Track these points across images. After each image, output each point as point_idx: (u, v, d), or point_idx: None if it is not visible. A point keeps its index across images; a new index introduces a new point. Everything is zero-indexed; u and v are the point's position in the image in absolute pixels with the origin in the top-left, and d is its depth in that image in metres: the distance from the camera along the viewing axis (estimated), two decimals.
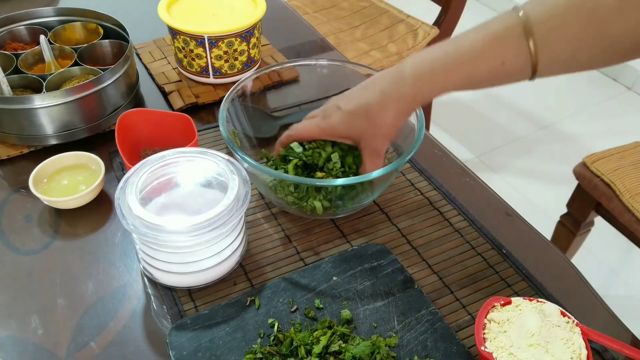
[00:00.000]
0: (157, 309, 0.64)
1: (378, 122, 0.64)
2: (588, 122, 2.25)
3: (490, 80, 0.58)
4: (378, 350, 0.56)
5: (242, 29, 0.89)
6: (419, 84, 0.61)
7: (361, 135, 0.66)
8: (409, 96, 0.62)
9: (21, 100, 0.76)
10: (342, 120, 0.66)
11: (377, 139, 0.65)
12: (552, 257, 0.71)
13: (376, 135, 0.65)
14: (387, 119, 0.64)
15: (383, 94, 0.63)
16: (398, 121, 0.64)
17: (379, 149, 0.66)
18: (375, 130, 0.65)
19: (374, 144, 0.66)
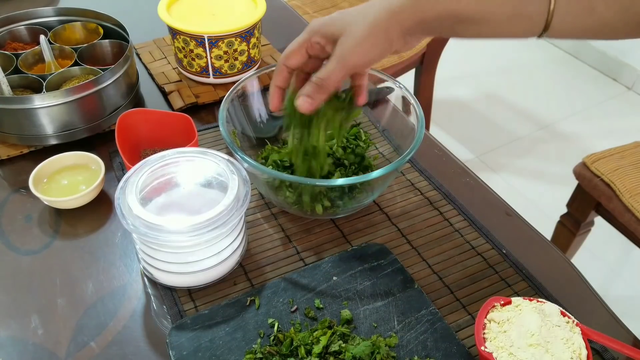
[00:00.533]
0: (157, 309, 0.64)
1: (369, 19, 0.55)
2: (588, 122, 2.25)
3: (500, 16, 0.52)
4: (378, 350, 0.56)
5: (242, 29, 0.89)
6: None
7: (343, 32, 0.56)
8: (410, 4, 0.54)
9: (21, 100, 0.76)
10: (332, 16, 0.58)
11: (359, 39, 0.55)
12: (552, 257, 0.71)
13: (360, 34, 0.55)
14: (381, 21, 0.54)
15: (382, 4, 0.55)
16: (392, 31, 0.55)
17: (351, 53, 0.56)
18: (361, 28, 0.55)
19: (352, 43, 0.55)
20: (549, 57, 2.64)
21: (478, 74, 2.50)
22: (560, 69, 2.57)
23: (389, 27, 0.55)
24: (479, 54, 2.59)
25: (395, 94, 0.77)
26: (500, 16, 0.52)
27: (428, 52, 1.64)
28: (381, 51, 0.56)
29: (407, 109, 0.74)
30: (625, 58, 2.44)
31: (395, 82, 0.76)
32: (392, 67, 1.55)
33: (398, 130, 0.77)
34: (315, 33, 0.59)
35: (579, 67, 2.58)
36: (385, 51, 0.56)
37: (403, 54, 1.56)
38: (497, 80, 2.47)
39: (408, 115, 0.75)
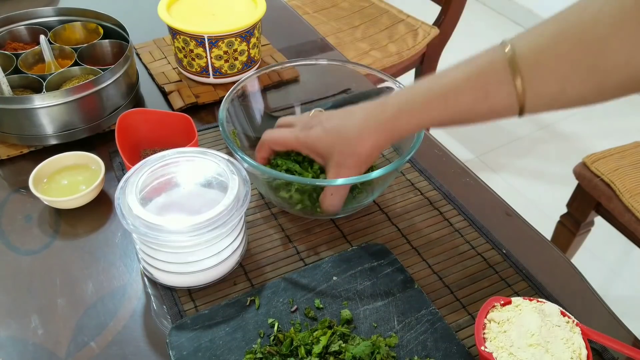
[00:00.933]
0: (157, 309, 0.64)
1: (353, 148, 0.62)
2: (588, 122, 2.25)
3: (474, 115, 0.56)
4: (378, 350, 0.56)
5: (242, 29, 0.89)
6: (398, 115, 0.60)
7: (332, 156, 0.64)
8: (388, 126, 0.61)
9: (21, 100, 0.76)
10: (320, 135, 0.65)
11: (347, 165, 0.63)
12: (552, 257, 0.71)
13: (346, 161, 0.63)
14: (362, 148, 0.62)
15: (363, 121, 0.62)
16: (373, 151, 0.63)
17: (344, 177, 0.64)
18: (347, 156, 0.63)
19: (342, 170, 0.64)
20: None
21: None
22: None
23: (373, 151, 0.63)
24: None
25: None
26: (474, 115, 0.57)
27: (428, 52, 1.64)
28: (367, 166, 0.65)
29: None
30: None
31: (395, 82, 0.76)
32: (392, 67, 1.55)
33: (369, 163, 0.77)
34: (306, 147, 0.66)
35: None
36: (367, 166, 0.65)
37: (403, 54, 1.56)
38: None
39: None
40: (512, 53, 0.52)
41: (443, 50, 1.68)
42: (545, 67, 0.51)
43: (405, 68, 1.62)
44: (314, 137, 0.65)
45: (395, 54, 1.56)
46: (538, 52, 0.51)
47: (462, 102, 0.56)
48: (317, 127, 0.65)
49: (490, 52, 0.54)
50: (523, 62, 0.51)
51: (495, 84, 0.53)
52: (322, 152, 0.65)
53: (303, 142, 0.66)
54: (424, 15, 1.71)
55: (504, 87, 0.52)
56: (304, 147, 0.66)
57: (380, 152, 0.64)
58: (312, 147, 0.66)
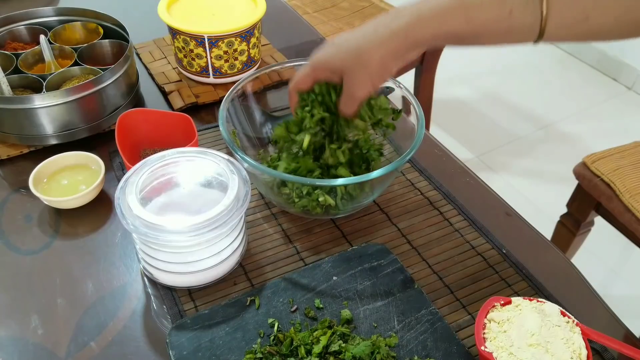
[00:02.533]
0: (157, 309, 0.64)
1: (364, 57, 0.59)
2: (588, 122, 2.25)
3: (493, 33, 0.55)
4: (378, 350, 0.56)
5: (242, 29, 0.89)
6: (413, 23, 0.57)
7: (344, 69, 0.62)
8: (401, 33, 0.57)
9: (21, 100, 0.76)
10: (329, 50, 0.63)
11: (361, 76, 0.61)
12: (552, 257, 0.71)
13: (358, 73, 0.60)
14: (374, 56, 0.59)
15: (374, 29, 0.59)
16: (386, 60, 0.59)
17: (356, 92, 0.62)
18: (358, 67, 0.60)
19: (356, 81, 0.61)
20: (549, 57, 2.64)
21: (478, 74, 2.50)
22: (560, 69, 2.57)
23: (384, 60, 0.59)
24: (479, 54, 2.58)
25: (395, 94, 0.77)
26: (493, 31, 0.55)
27: (428, 52, 1.64)
28: (382, 80, 0.62)
29: (407, 108, 0.74)
30: (625, 58, 2.44)
31: (395, 82, 0.76)
32: None
33: (398, 130, 0.77)
34: (319, 68, 0.64)
35: (579, 67, 2.58)
36: (386, 77, 0.62)
37: None
38: (497, 80, 2.47)
39: (408, 115, 0.75)
40: None
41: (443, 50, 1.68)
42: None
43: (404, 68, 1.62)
44: (325, 55, 0.63)
45: None
46: None
47: (484, 16, 0.54)
48: (330, 46, 0.64)
49: None
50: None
51: (521, 2, 0.52)
52: (335, 68, 0.63)
53: (315, 63, 0.64)
54: None
55: (529, 6, 0.52)
56: (317, 69, 0.64)
57: (394, 62, 0.60)
58: (325, 64, 0.63)
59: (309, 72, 0.65)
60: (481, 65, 2.55)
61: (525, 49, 2.66)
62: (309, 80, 0.66)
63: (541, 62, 2.61)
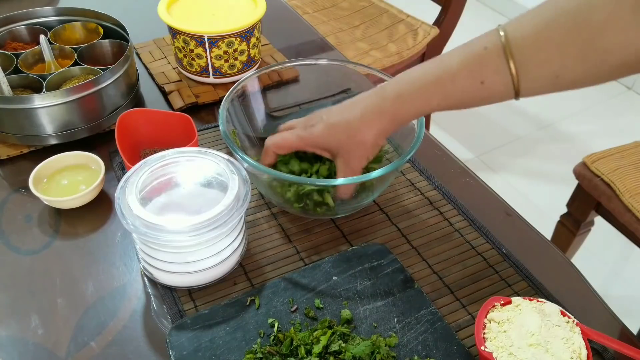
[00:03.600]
0: (157, 309, 0.64)
1: (358, 137, 0.63)
2: (588, 122, 2.25)
3: (471, 100, 0.57)
4: (378, 350, 0.56)
5: (242, 29, 0.89)
6: (398, 102, 0.61)
7: (340, 150, 0.65)
8: (389, 114, 0.62)
9: (21, 100, 0.76)
10: (323, 131, 0.65)
11: (355, 155, 0.65)
12: (552, 257, 0.71)
13: (354, 151, 0.64)
14: (368, 136, 0.63)
15: (365, 111, 0.63)
16: (378, 139, 0.64)
17: (355, 167, 0.65)
18: (354, 146, 0.64)
19: (351, 160, 0.65)
20: None
21: None
22: None
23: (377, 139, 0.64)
24: None
25: None
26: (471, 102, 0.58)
27: (428, 52, 1.64)
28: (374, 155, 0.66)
29: None
30: None
31: None
32: (392, 67, 1.55)
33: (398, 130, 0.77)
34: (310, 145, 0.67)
35: None
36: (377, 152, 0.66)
37: (403, 54, 1.56)
38: None
39: None
40: (506, 38, 0.52)
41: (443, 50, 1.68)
42: (539, 52, 0.51)
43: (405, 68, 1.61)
44: (317, 134, 0.66)
45: (395, 53, 1.56)
46: (531, 37, 0.51)
47: (459, 89, 0.57)
48: (319, 124, 0.66)
49: (484, 38, 0.55)
50: (516, 46, 0.52)
51: (490, 70, 0.54)
52: (327, 148, 0.66)
53: (307, 140, 0.67)
54: (424, 15, 1.71)
55: (499, 72, 0.53)
56: (308, 146, 0.67)
57: (384, 139, 0.65)
58: (317, 143, 0.66)
59: (297, 144, 0.67)
60: None
61: None
62: (292, 149, 0.68)
63: None
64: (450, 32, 1.66)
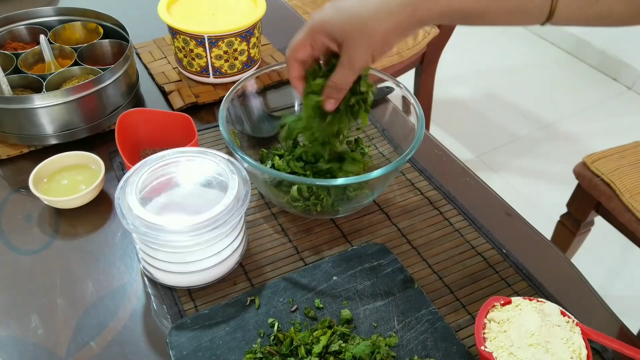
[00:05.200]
0: (157, 308, 0.64)
1: (369, 24, 0.56)
2: (588, 122, 2.25)
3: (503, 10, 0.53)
4: (378, 350, 0.56)
5: (242, 29, 0.89)
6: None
7: (347, 37, 0.58)
8: (409, 8, 0.55)
9: (21, 100, 0.76)
10: (332, 16, 0.59)
11: (361, 45, 0.58)
12: (552, 257, 0.71)
13: (360, 41, 0.57)
14: (379, 26, 0.56)
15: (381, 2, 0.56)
16: (390, 35, 0.57)
17: (357, 59, 0.59)
18: (361, 34, 0.57)
19: (356, 50, 0.58)
20: (549, 57, 2.64)
21: (478, 74, 2.50)
22: (560, 69, 2.57)
23: (387, 33, 0.57)
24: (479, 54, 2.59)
25: (395, 94, 0.77)
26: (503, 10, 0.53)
27: (428, 52, 1.64)
28: (382, 52, 0.59)
29: (407, 108, 0.74)
30: (625, 58, 2.44)
31: (395, 81, 0.76)
32: (392, 67, 1.55)
33: (398, 130, 0.77)
34: (317, 31, 0.60)
35: (579, 67, 2.58)
36: (387, 51, 0.59)
37: (403, 54, 1.56)
38: (497, 80, 2.47)
39: (408, 115, 0.75)
40: None
41: (443, 50, 1.68)
42: None
43: (405, 68, 1.62)
44: (327, 20, 0.60)
45: (395, 53, 1.56)
46: None
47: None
48: (330, 10, 0.60)
49: None
50: None
51: None
52: (334, 34, 0.59)
53: (316, 27, 0.60)
54: None
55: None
56: (318, 33, 0.61)
57: (398, 37, 0.58)
58: (324, 28, 0.60)
59: (306, 36, 0.61)
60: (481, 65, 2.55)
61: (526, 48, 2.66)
62: (307, 47, 0.62)
63: (541, 62, 2.61)
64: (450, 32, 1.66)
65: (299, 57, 0.63)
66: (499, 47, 2.62)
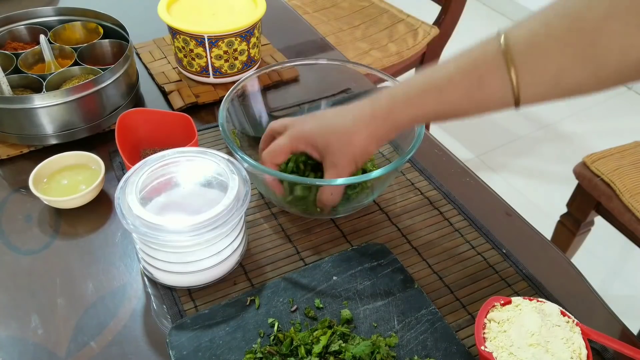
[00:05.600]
0: (157, 308, 0.64)
1: (347, 138, 0.61)
2: (588, 122, 2.25)
3: (469, 108, 0.56)
4: (378, 350, 0.56)
5: (242, 29, 0.89)
6: (392, 107, 0.60)
7: (327, 149, 0.63)
8: (381, 118, 0.60)
9: (21, 99, 0.76)
10: (313, 128, 0.64)
11: (343, 156, 0.62)
12: (552, 257, 0.71)
13: (342, 153, 0.62)
14: (357, 138, 0.61)
15: (357, 114, 0.62)
16: (368, 144, 0.62)
17: (342, 169, 0.63)
18: (342, 147, 0.62)
19: (339, 162, 0.63)
20: None
21: None
22: None
23: (367, 145, 0.62)
24: None
25: None
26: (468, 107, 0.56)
27: (428, 52, 1.64)
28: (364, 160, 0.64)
29: None
30: None
31: (395, 82, 0.76)
32: (392, 67, 1.55)
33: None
34: (299, 142, 0.65)
35: None
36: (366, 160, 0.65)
37: (403, 54, 1.56)
38: None
39: None
40: (506, 44, 0.51)
41: (443, 50, 1.68)
42: (539, 57, 0.50)
43: (405, 68, 1.62)
44: (308, 131, 0.64)
45: (395, 53, 1.56)
46: (531, 42, 0.51)
47: (457, 94, 0.55)
48: (311, 122, 0.65)
49: (484, 44, 0.54)
50: (516, 52, 0.51)
51: (490, 76, 0.53)
52: (317, 146, 0.64)
53: (298, 137, 0.65)
54: (424, 15, 1.71)
55: (498, 78, 0.52)
56: (299, 143, 0.65)
57: (376, 146, 0.63)
58: (307, 140, 0.64)
59: (288, 144, 0.65)
60: None
61: None
62: (286, 153, 0.66)
63: None
64: (450, 32, 1.66)
65: (277, 162, 0.67)
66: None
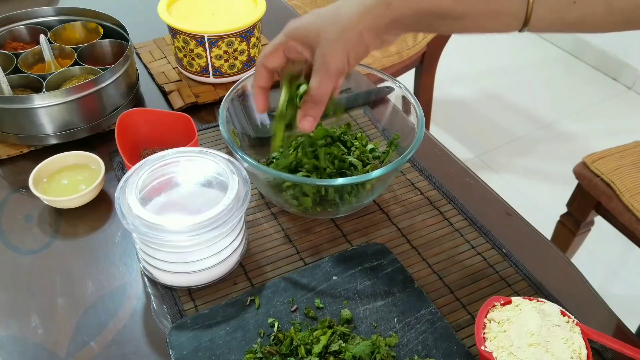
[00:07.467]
0: (157, 308, 0.64)
1: (343, 23, 0.55)
2: (588, 122, 2.25)
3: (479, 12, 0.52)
4: (378, 349, 0.56)
5: (242, 29, 0.89)
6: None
7: (320, 36, 0.56)
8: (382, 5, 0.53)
9: (21, 99, 0.76)
10: (310, 20, 0.57)
11: (335, 45, 0.55)
12: (552, 257, 0.71)
13: (335, 40, 0.55)
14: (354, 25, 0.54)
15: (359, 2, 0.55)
16: (365, 32, 0.55)
17: (332, 61, 0.56)
18: (336, 34, 0.55)
19: (330, 52, 0.55)
20: (549, 57, 2.64)
21: (478, 74, 2.50)
22: (560, 69, 2.57)
23: (362, 31, 0.55)
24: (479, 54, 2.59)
25: (395, 94, 0.77)
26: (479, 12, 0.52)
27: (428, 52, 1.64)
28: (358, 55, 0.56)
29: (407, 108, 0.74)
30: (625, 58, 2.44)
31: (395, 81, 0.76)
32: (392, 67, 1.55)
33: (398, 130, 0.77)
34: (291, 37, 0.59)
35: (579, 67, 2.58)
36: (363, 53, 0.57)
37: (403, 54, 1.56)
38: (497, 80, 2.47)
39: (408, 115, 0.75)
40: None
41: (443, 50, 1.68)
42: None
43: (405, 68, 1.62)
44: (303, 24, 0.58)
45: (395, 53, 1.56)
46: None
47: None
48: (308, 16, 0.59)
49: None
50: None
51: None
52: (309, 39, 0.57)
53: (290, 32, 0.59)
54: None
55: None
56: (290, 39, 0.59)
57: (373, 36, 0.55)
58: (298, 34, 0.58)
59: (280, 42, 0.59)
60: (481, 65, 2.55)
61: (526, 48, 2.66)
62: (279, 54, 0.60)
63: (541, 62, 2.61)
64: None
65: (269, 65, 0.61)
66: (499, 47, 2.62)
